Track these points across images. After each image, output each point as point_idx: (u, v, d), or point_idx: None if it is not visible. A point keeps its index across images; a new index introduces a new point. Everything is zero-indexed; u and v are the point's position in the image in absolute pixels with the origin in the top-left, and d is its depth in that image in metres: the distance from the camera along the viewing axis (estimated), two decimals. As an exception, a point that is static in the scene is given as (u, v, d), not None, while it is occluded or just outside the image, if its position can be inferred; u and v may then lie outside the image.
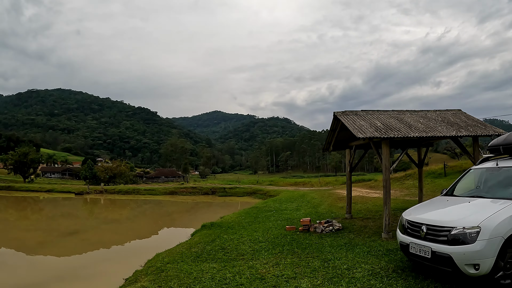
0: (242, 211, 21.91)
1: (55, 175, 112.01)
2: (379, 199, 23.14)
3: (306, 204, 23.20)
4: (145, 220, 29.25)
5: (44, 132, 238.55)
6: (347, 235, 12.13)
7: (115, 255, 16.32)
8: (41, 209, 38.77)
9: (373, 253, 9.48)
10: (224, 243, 11.92)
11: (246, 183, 57.49)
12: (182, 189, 49.98)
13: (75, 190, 53.95)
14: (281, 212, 20.04)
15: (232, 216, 19.35)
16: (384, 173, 12.11)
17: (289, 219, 16.94)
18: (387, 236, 11.43)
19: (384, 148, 12.16)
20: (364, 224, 14.44)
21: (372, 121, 13.37)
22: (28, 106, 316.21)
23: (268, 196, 38.63)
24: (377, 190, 31.49)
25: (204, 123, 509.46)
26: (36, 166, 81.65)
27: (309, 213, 18.59)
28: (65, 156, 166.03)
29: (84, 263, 14.44)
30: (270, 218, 17.69)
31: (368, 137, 11.56)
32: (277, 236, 12.64)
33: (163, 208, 38.61)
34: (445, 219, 6.79)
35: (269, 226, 15.07)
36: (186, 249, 11.40)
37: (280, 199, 28.15)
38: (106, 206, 40.85)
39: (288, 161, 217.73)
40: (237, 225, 15.79)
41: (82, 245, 18.39)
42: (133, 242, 19.70)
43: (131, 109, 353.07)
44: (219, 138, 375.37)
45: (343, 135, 15.86)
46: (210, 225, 16.18)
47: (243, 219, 17.60)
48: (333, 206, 21.34)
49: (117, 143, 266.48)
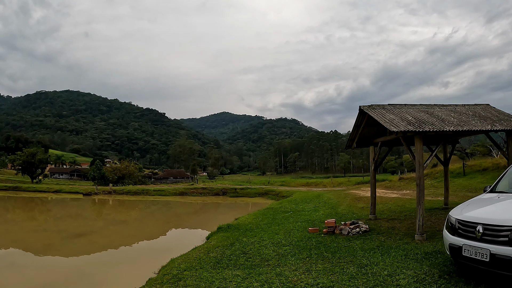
0: (257, 212, 20.96)
1: (63, 176, 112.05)
2: (399, 200, 22.21)
3: (324, 205, 22.19)
4: (155, 222, 28.34)
5: (52, 133, 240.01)
6: (377, 237, 11.24)
7: (125, 258, 15.36)
8: (48, 210, 38.02)
9: (411, 256, 8.58)
10: (245, 247, 11.01)
11: (257, 183, 56.50)
12: (192, 189, 49.10)
13: (83, 190, 53.25)
14: (299, 213, 19.10)
15: (248, 218, 18.42)
16: (418, 170, 11.14)
17: (309, 220, 16.01)
18: (421, 238, 10.56)
19: (418, 143, 11.19)
20: (390, 225, 13.50)
21: (402, 115, 12.42)
22: (37, 107, 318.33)
23: (280, 197, 37.66)
24: (393, 190, 30.45)
25: (212, 124, 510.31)
26: (44, 166, 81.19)
27: (328, 214, 17.64)
28: (73, 157, 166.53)
29: (92, 268, 13.50)
30: (288, 219, 16.77)
31: (401, 131, 10.59)
32: (301, 238, 11.72)
33: (174, 209, 37.75)
34: (505, 217, 5.89)
35: (290, 228, 14.15)
36: (203, 254, 10.46)
37: (295, 200, 27.16)
38: (114, 207, 40.08)
39: (297, 162, 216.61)
40: (255, 227, 14.88)
41: (90, 248, 17.48)
42: (143, 244, 18.74)
43: (139, 110, 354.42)
44: (227, 139, 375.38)
45: (368, 131, 14.92)
46: (227, 227, 15.22)
47: (260, 221, 16.69)
48: (353, 207, 20.33)
49: (125, 144, 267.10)
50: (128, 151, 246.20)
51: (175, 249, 12.69)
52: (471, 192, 21.94)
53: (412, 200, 21.18)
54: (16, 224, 27.34)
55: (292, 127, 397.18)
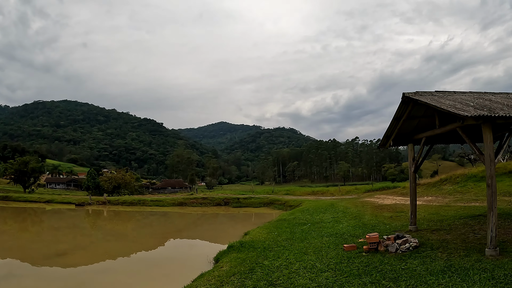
0: (269, 225, 18.16)
1: (60, 186, 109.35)
2: (428, 207, 19.77)
3: (344, 215, 19.46)
4: (152, 236, 25.24)
5: (50, 143, 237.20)
6: (435, 255, 8.88)
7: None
8: (34, 223, 34.87)
9: (501, 280, 6.45)
10: (270, 274, 8.34)
11: (260, 193, 53.24)
12: (192, 199, 46.08)
13: (76, 201, 50.14)
14: (319, 225, 16.38)
15: (261, 232, 15.65)
16: (489, 168, 8.67)
17: (336, 234, 13.34)
18: (495, 253, 8.31)
19: (487, 133, 8.74)
20: (439, 237, 11.09)
21: (460, 101, 9.93)
22: (35, 117, 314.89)
23: (288, 206, 34.82)
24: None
25: (210, 134, 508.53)
26: (37, 175, 77.59)
27: (355, 226, 15.01)
28: (70, 167, 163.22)
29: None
30: (310, 233, 14.08)
31: (473, 116, 8.05)
32: (339, 259, 9.14)
33: (172, 221, 34.59)
34: None
35: (317, 244, 11.51)
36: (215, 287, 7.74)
37: (307, 210, 24.30)
38: (108, 219, 37.03)
39: (296, 171, 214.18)
40: (274, 245, 12.17)
41: (63, 274, 13.74)
42: (138, 258, 15.85)
43: (137, 120, 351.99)
44: (225, 149, 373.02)
45: (408, 126, 12.42)
46: (239, 245, 12.44)
47: (277, 236, 13.97)
48: (379, 216, 17.66)
49: (123, 154, 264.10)
50: (126, 161, 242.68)
51: (177, 275, 9.91)
52: (506, 196, 19.73)
53: (444, 207, 18.63)
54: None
55: (290, 136, 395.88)
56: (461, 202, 20.27)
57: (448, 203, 20.35)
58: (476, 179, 27.90)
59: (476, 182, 27.01)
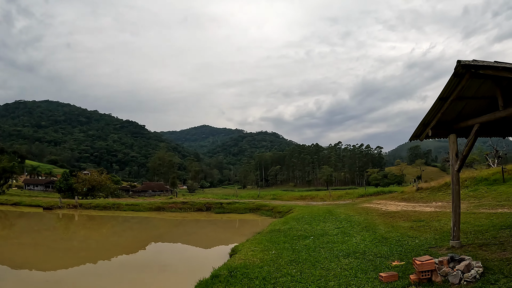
0: (262, 238, 14.67)
1: (38, 187, 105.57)
2: (449, 214, 16.29)
3: (350, 225, 16.23)
4: (118, 248, 21.74)
5: (30, 144, 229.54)
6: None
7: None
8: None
9: None
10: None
11: (244, 197, 49.52)
12: (171, 204, 42.34)
13: (45, 204, 45.75)
14: (325, 239, 13.10)
15: (254, 249, 12.19)
16: None
17: (355, 253, 10.15)
18: None
19: None
20: (498, 256, 8.17)
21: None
22: (15, 117, 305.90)
23: (276, 212, 31.57)
24: (418, 202, 25.11)
25: (192, 137, 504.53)
26: (8, 175, 72.99)
27: (374, 241, 11.89)
28: (50, 169, 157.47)
29: None
30: (319, 252, 10.78)
31: None
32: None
33: (147, 228, 30.46)
34: None
35: (337, 271, 8.29)
36: None
37: (302, 218, 20.95)
38: (76, 225, 33.22)
39: (278, 175, 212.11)
40: (276, 272, 8.77)
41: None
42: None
43: (119, 122, 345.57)
44: (207, 153, 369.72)
45: (451, 110, 9.36)
46: (228, 274, 8.79)
47: (277, 257, 10.47)
48: (396, 227, 14.50)
49: (104, 156, 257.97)
50: (107, 163, 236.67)
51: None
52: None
53: (468, 215, 15.38)
54: None
55: (273, 140, 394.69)
56: (484, 208, 17.30)
57: (469, 210, 17.36)
58: (488, 182, 25.19)
59: (489, 186, 24.28)
